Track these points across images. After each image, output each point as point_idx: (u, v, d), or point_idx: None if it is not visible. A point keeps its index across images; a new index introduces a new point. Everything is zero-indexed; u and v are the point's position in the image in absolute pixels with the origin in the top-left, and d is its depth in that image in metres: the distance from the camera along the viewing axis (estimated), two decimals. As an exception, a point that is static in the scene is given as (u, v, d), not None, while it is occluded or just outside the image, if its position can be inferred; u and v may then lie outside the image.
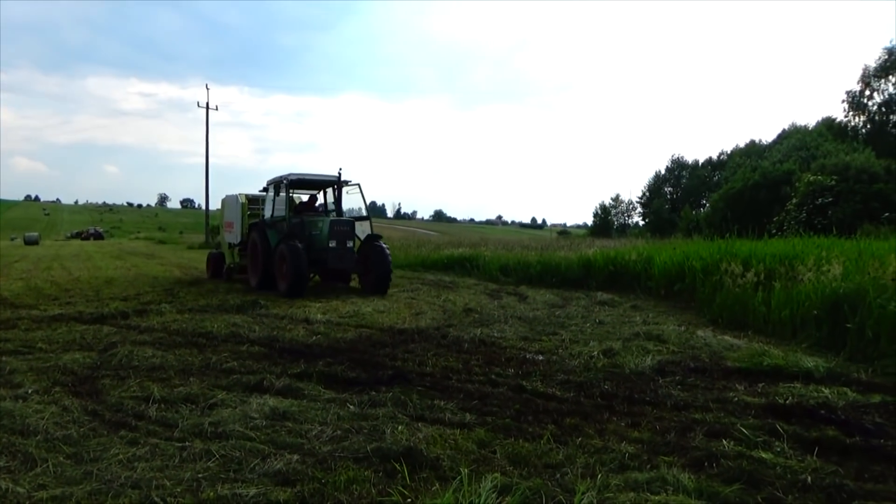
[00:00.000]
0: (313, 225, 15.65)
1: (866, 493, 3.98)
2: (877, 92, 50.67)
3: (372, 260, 15.41)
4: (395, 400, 5.88)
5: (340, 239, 14.81)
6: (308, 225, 15.71)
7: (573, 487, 3.95)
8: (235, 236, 18.26)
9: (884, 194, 28.33)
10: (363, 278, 15.89)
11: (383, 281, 15.13)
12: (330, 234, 14.70)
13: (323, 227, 15.13)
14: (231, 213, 18.79)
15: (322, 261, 14.94)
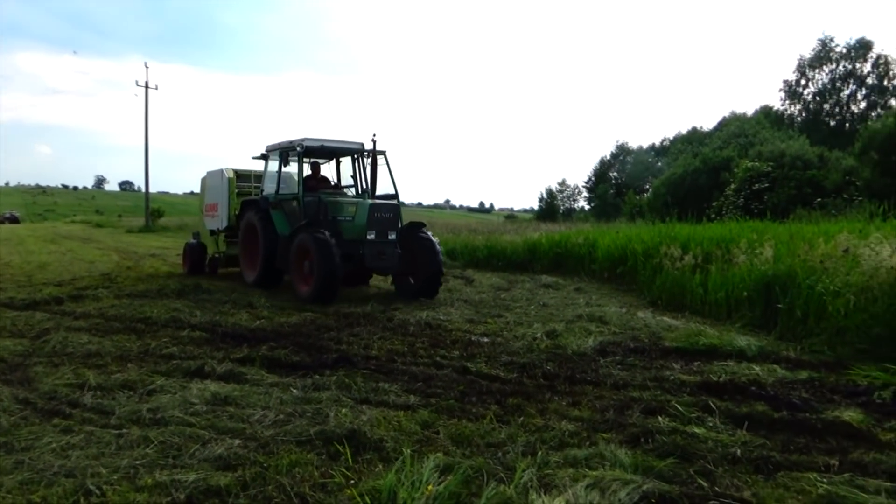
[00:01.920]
0: (339, 208, 11.73)
1: (791, 463, 4.17)
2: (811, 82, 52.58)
3: (416, 256, 11.66)
4: (340, 383, 5.87)
5: (382, 229, 11.15)
6: (331, 207, 11.76)
7: (514, 465, 4.02)
8: (220, 220, 14.84)
9: (816, 181, 29.45)
10: (400, 279, 12.30)
11: (432, 284, 11.54)
12: (368, 221, 11.00)
13: (357, 213, 11.29)
14: (214, 192, 15.20)
15: (355, 258, 11.03)
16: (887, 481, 3.85)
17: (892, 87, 49.74)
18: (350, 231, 11.29)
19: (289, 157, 12.33)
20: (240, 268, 13.50)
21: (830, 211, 21.57)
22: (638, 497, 3.61)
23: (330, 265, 10.28)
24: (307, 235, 10.72)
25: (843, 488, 3.73)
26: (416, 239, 11.73)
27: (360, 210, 11.28)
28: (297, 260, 11.08)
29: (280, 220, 12.10)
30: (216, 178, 15.15)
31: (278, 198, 12.41)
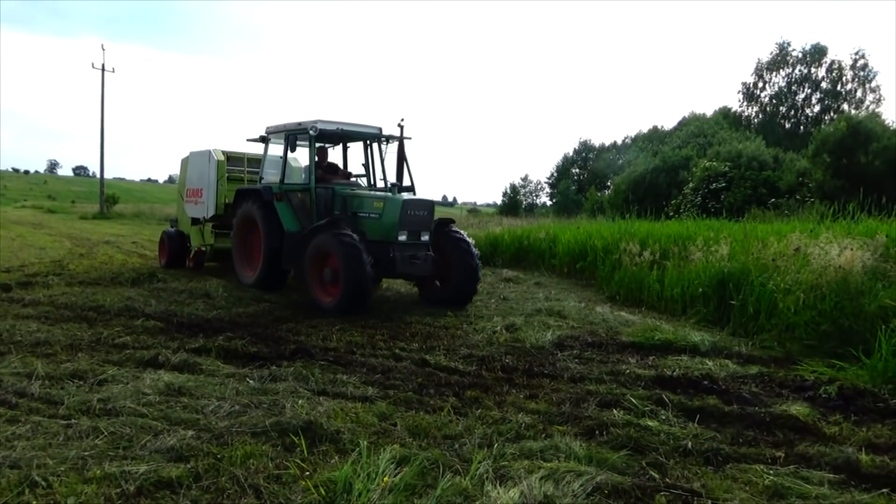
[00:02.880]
0: (361, 203, 10.04)
1: (740, 456, 4.29)
2: (768, 85, 53.79)
3: (446, 257, 10.03)
4: (297, 374, 5.82)
5: (415, 229, 9.59)
6: (351, 202, 10.16)
7: (470, 457, 4.04)
8: (205, 208, 13.14)
9: (771, 181, 30.15)
10: (426, 283, 10.57)
11: (466, 290, 10.02)
12: (401, 220, 9.37)
13: (386, 209, 9.54)
14: (198, 175, 13.48)
15: (383, 263, 9.34)
16: (830, 473, 3.99)
17: (844, 93, 51.18)
18: (376, 230, 9.55)
19: (297, 140, 10.40)
20: (234, 265, 11.66)
21: (784, 211, 22.13)
22: (591, 488, 3.67)
23: (360, 274, 8.59)
24: (330, 237, 8.95)
25: (788, 480, 3.84)
26: (446, 237, 10.08)
27: (389, 206, 9.46)
28: (315, 264, 9.32)
29: (287, 215, 10.40)
30: (201, 160, 13.37)
31: (283, 188, 10.69)
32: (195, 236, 13.60)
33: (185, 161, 14.22)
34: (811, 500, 3.59)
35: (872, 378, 5.84)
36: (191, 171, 13.78)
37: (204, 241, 13.30)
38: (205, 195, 13.20)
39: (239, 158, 13.60)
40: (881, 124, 29.79)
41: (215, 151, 13.14)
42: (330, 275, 9.11)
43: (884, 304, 6.74)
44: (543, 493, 3.50)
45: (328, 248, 9.04)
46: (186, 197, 13.95)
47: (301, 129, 10.32)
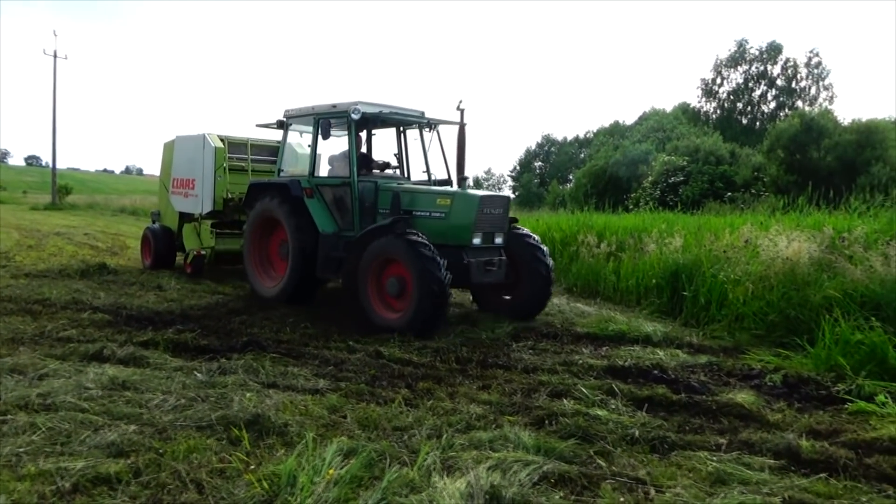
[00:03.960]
0: (419, 199, 8.34)
1: (685, 443, 4.35)
2: (726, 81, 54.76)
3: (515, 263, 8.49)
4: (247, 367, 5.73)
5: (490, 231, 8.08)
6: (403, 198, 8.37)
7: (419, 448, 4.02)
8: (198, 202, 11.31)
9: (728, 176, 30.75)
10: (488, 294, 8.95)
11: (539, 299, 8.53)
12: (477, 220, 7.82)
13: (455, 207, 7.95)
14: (189, 163, 11.62)
15: (458, 272, 7.60)
16: (772, 459, 4.07)
17: (798, 90, 52.39)
18: (441, 233, 7.87)
19: (331, 126, 8.77)
20: (247, 274, 9.70)
21: (739, 205, 22.58)
22: (538, 477, 3.69)
23: (437, 285, 7.12)
24: (396, 240, 7.45)
25: (730, 466, 3.91)
26: (512, 238, 8.54)
27: (461, 204, 7.91)
28: (374, 274, 7.78)
29: (321, 214, 8.79)
30: (192, 147, 11.57)
31: (314, 182, 9.04)
32: (189, 237, 11.64)
33: (170, 146, 12.39)
34: (752, 486, 3.65)
35: (816, 366, 5.99)
36: (178, 158, 12.01)
37: (202, 242, 11.34)
38: (198, 187, 11.33)
39: (240, 144, 11.78)
40: (833, 121, 30.61)
41: (211, 136, 11.36)
42: (396, 286, 7.55)
43: (828, 294, 6.91)
44: (490, 483, 3.49)
45: (394, 254, 7.49)
46: (173, 188, 12.07)
47: (337, 112, 8.73)
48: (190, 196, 11.58)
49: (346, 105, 8.55)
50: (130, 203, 38.79)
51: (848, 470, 3.91)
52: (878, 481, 3.80)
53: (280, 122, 9.77)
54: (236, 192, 11.09)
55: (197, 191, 11.38)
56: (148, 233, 12.38)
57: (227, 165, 11.26)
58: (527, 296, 8.51)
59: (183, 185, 11.81)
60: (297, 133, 10.15)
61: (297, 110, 9.44)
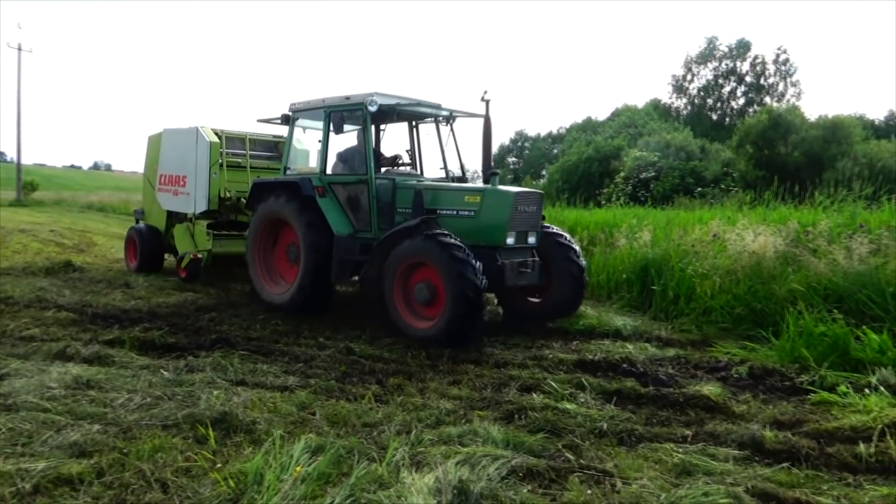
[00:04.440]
0: (444, 197, 7.79)
1: (652, 435, 4.40)
2: (696, 77, 55.41)
3: (547, 265, 7.93)
4: (215, 365, 5.67)
5: (524, 230, 7.56)
6: (426, 196, 7.78)
7: (388, 444, 4.01)
8: (190, 201, 10.48)
9: (698, 171, 31.12)
10: (515, 297, 8.28)
11: (572, 302, 8.03)
12: (512, 219, 7.29)
13: (486, 205, 7.41)
14: (178, 158, 10.78)
15: (491, 276, 6.99)
16: (736, 449, 4.13)
17: (767, 86, 53.19)
18: (471, 233, 7.26)
19: (344, 120, 8.28)
20: (251, 280, 8.90)
21: (709, 200, 22.86)
22: (506, 471, 3.70)
23: (473, 290, 6.54)
24: (426, 241, 6.84)
25: (695, 457, 3.96)
26: (546, 241, 7.98)
27: (493, 201, 7.35)
28: (401, 280, 7.18)
29: (335, 214, 8.18)
30: (183, 141, 10.72)
31: (326, 180, 8.36)
32: (182, 239, 10.73)
33: (156, 140, 11.49)
34: (716, 477, 3.70)
35: (780, 358, 6.09)
36: (166, 152, 11.15)
37: (196, 245, 10.43)
38: (190, 185, 10.51)
39: (237, 139, 11.03)
40: (800, 116, 31.08)
41: (205, 130, 10.51)
42: (425, 292, 6.93)
43: (793, 287, 7.03)
44: (458, 478, 3.49)
45: (423, 257, 6.90)
46: (160, 185, 11.20)
47: (350, 105, 8.11)
48: (180, 194, 10.73)
49: (361, 97, 7.91)
50: (98, 200, 38.18)
51: (810, 459, 3.98)
52: (839, 470, 3.88)
53: (285, 116, 9.10)
54: (233, 191, 10.51)
55: (189, 189, 10.56)
56: (133, 233, 11.56)
57: (223, 162, 10.51)
58: (557, 299, 7.97)
59: (172, 181, 10.95)
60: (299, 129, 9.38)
61: (305, 103, 8.78)
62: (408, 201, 7.85)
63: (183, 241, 10.70)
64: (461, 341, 6.69)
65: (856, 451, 4.00)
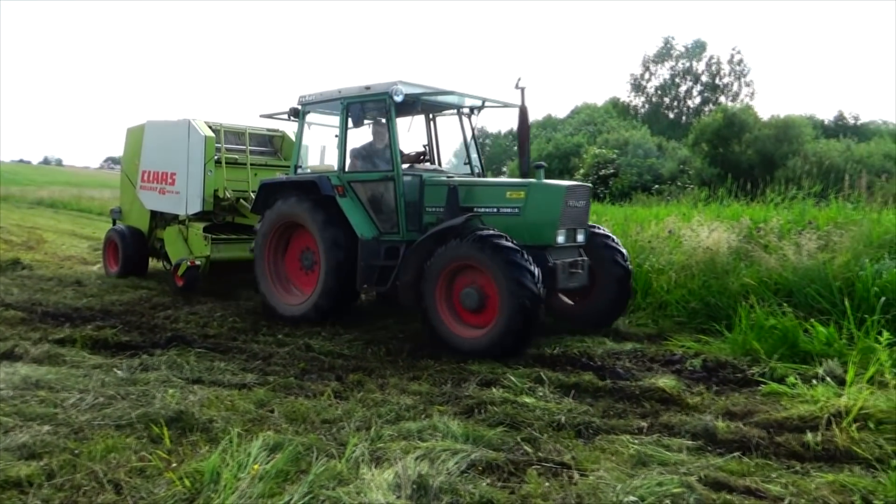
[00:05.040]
0: (480, 193, 7.22)
1: (609, 427, 4.47)
2: (654, 76, 56.36)
3: (592, 267, 7.32)
4: (171, 363, 5.58)
5: (572, 228, 7.01)
6: (462, 193, 7.17)
7: (347, 440, 4.00)
8: (180, 201, 9.55)
9: (655, 168, 31.69)
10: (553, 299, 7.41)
11: (618, 304, 7.47)
12: (563, 216, 6.75)
13: (531, 201, 6.83)
14: (166, 154, 9.84)
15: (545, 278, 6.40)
16: (690, 440, 4.22)
17: (722, 86, 54.38)
18: (515, 232, 6.59)
19: (364, 112, 7.81)
20: (259, 289, 8.08)
21: (666, 197, 23.29)
22: (465, 466, 3.72)
23: (531, 299, 5.97)
24: (477, 244, 6.23)
25: (650, 448, 4.04)
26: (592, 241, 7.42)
27: (539, 196, 6.78)
28: (444, 285, 6.55)
29: (358, 216, 7.49)
30: (173, 134, 9.75)
31: (346, 178, 7.68)
32: (173, 243, 9.68)
33: (137, 133, 10.49)
34: (670, 467, 3.78)
35: (733, 350, 6.24)
36: (150, 147, 10.16)
37: (191, 250, 9.40)
38: (180, 183, 9.55)
39: (237, 133, 10.15)
40: (754, 115, 31.87)
41: (198, 123, 9.55)
42: (473, 298, 6.35)
43: (745, 282, 7.22)
44: (418, 473, 3.50)
45: (474, 260, 6.27)
46: (143, 183, 10.19)
47: (371, 95, 7.46)
48: (168, 193, 9.72)
49: (384, 86, 7.25)
50: (49, 195, 37.04)
51: (760, 448, 4.09)
52: (788, 458, 3.99)
53: (294, 110, 8.33)
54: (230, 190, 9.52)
55: (178, 187, 9.56)
56: (114, 235, 10.48)
57: (220, 158, 9.53)
58: (599, 306, 7.42)
59: (157, 179, 9.91)
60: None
61: (318, 95, 8.05)
62: (438, 199, 7.26)
63: (175, 246, 9.66)
64: (516, 351, 6.18)
65: (803, 439, 4.13)
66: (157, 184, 9.96)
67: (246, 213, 9.27)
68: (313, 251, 7.73)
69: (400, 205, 7.29)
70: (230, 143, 10.01)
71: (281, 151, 10.77)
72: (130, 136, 10.74)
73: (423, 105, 8.02)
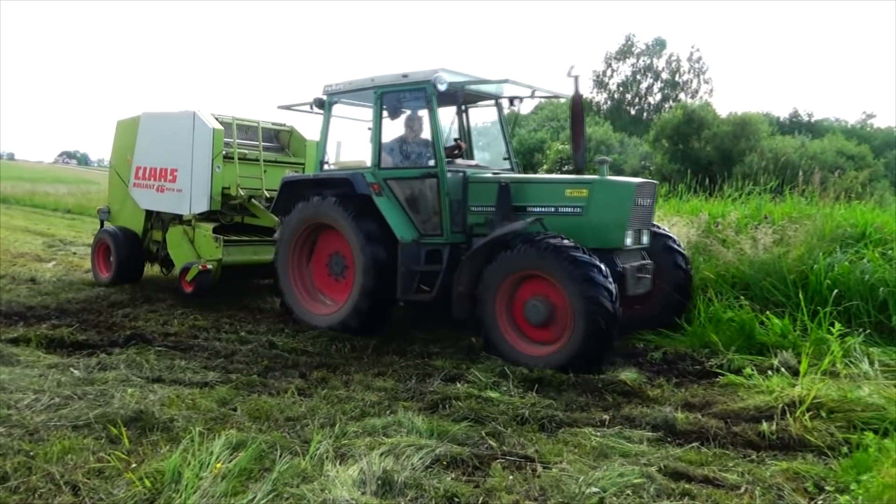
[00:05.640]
0: (535, 191, 6.69)
1: (572, 421, 4.53)
2: (616, 73, 57.01)
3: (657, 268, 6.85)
4: (130, 362, 5.48)
5: (639, 228, 6.53)
6: (511, 191, 6.55)
7: (311, 438, 3.98)
8: (182, 200, 8.76)
9: (617, 164, 32.10)
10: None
11: (678, 307, 6.86)
12: (633, 216, 6.28)
13: (596, 199, 6.23)
14: (167, 148, 9.03)
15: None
16: (650, 431, 4.31)
17: (681, 83, 55.27)
18: (577, 232, 5.98)
19: (401, 102, 7.19)
20: (283, 297, 7.48)
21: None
22: (430, 461, 3.74)
23: (607, 319, 5.43)
24: (551, 253, 5.60)
25: (612, 440, 4.11)
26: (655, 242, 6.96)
27: (605, 194, 6.23)
28: (505, 295, 5.96)
29: (397, 216, 6.86)
30: (174, 126, 8.94)
31: (381, 175, 7.02)
32: (178, 245, 8.75)
33: (129, 126, 9.62)
34: (631, 458, 3.85)
35: (692, 343, 6.38)
36: (146, 141, 9.31)
37: (200, 253, 8.45)
38: (183, 180, 8.75)
39: (248, 127, 9.34)
40: (713, 113, 32.46)
41: (204, 115, 8.72)
42: (540, 311, 5.76)
43: (704, 276, 7.36)
44: (383, 469, 3.51)
45: (544, 271, 5.68)
46: (136, 179, 9.38)
47: (410, 84, 6.88)
48: (168, 191, 8.91)
49: (425, 74, 6.69)
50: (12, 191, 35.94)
51: (718, 438, 4.20)
52: (744, 447, 4.11)
53: (319, 100, 7.67)
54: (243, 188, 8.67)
55: (181, 184, 8.76)
56: (105, 237, 9.44)
57: (231, 153, 8.73)
58: (656, 310, 6.94)
59: (155, 175, 9.08)
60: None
61: (346, 84, 7.40)
62: (485, 198, 6.65)
63: (179, 249, 8.74)
64: (590, 370, 5.52)
65: (759, 429, 4.24)
66: (154, 181, 9.14)
67: (258, 213, 8.65)
68: (344, 256, 7.15)
69: (444, 204, 6.68)
70: (247, 138, 9.28)
71: (289, 147, 10.03)
72: (121, 129, 9.88)
73: (467, 94, 7.43)
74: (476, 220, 6.76)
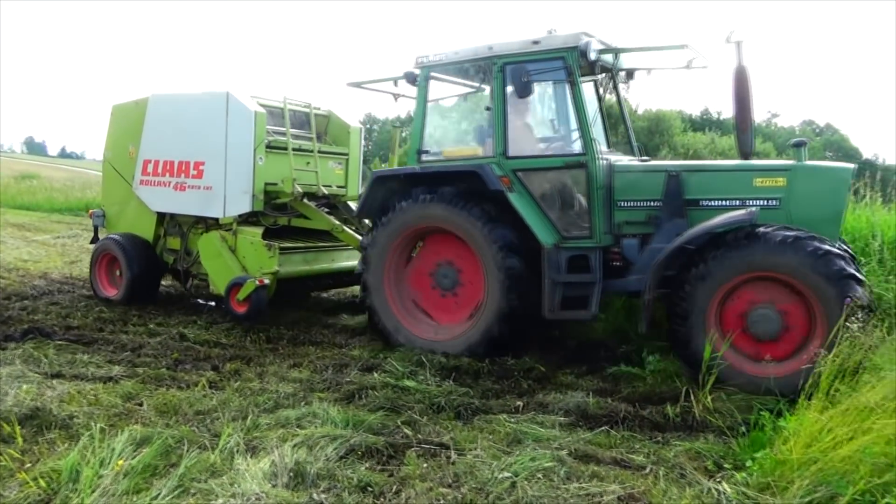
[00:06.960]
0: (715, 180, 5.56)
1: (487, 408, 4.59)
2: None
3: None
4: (26, 357, 5.20)
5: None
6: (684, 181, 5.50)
7: (222, 431, 3.87)
8: (211, 199, 7.27)
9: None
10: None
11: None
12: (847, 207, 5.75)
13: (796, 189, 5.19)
14: (186, 135, 7.53)
15: None
16: (562, 416, 4.41)
17: (600, 79, 56.88)
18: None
19: (531, 77, 5.64)
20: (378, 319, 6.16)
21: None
22: (345, 451, 3.71)
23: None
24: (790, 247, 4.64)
25: (526, 425, 4.18)
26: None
27: (809, 182, 5.23)
28: (717, 303, 4.96)
29: (536, 216, 5.75)
30: (200, 110, 7.46)
31: (509, 166, 5.84)
32: (215, 256, 7.18)
33: (131, 111, 8.02)
34: (544, 443, 3.93)
35: (605, 330, 6.57)
36: (157, 129, 7.77)
37: (246, 265, 6.96)
38: (213, 175, 7.27)
39: (281, 113, 7.57)
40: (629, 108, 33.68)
41: (240, 95, 7.26)
42: (773, 322, 4.82)
43: (617, 265, 7.57)
44: (295, 460, 3.46)
45: (780, 270, 4.71)
46: (145, 176, 7.80)
47: (548, 52, 5.71)
48: (191, 189, 7.41)
49: (567, 38, 5.58)
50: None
51: (626, 421, 4.34)
52: (651, 430, 4.26)
53: (411, 75, 6.38)
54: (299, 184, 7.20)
55: (210, 180, 7.28)
56: (112, 246, 7.68)
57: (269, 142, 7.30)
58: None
59: (173, 171, 7.55)
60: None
61: (450, 55, 6.14)
62: (639, 191, 5.67)
63: (217, 260, 7.17)
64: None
65: (665, 411, 4.41)
66: (170, 177, 7.58)
67: (310, 213, 7.35)
68: (459, 268, 6.06)
69: (595, 199, 5.61)
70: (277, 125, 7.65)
71: (327, 135, 8.59)
72: (119, 115, 8.22)
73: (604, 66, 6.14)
74: (624, 217, 5.70)
